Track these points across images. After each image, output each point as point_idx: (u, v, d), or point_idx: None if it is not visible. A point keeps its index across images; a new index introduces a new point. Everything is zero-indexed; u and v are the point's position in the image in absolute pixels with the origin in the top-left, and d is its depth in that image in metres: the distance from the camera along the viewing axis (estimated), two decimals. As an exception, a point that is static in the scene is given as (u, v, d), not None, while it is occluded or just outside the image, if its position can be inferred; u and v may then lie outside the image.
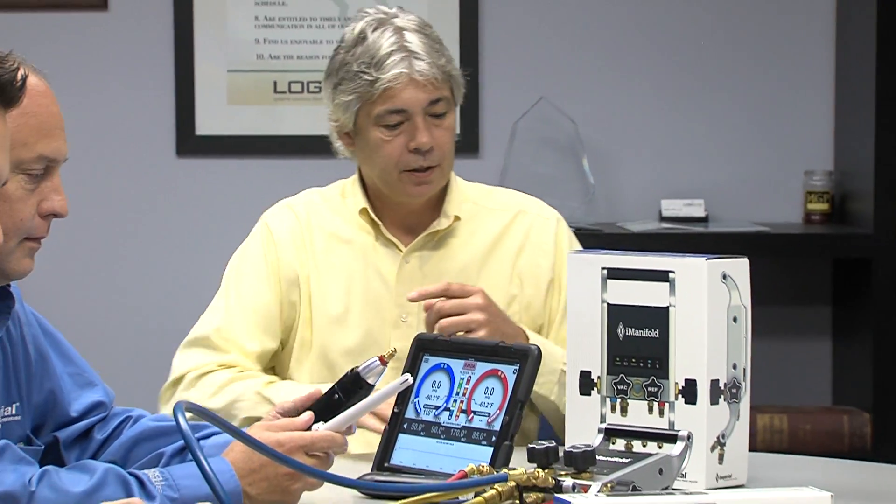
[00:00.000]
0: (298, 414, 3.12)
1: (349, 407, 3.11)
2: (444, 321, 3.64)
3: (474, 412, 3.37)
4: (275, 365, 3.92)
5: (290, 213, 3.91)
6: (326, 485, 3.10)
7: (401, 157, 3.79)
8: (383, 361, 3.12)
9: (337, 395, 3.12)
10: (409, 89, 3.77)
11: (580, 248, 3.97)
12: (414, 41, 3.79)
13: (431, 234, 3.91)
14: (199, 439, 3.00)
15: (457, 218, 3.92)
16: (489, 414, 3.36)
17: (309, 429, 3.11)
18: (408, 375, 3.32)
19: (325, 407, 3.12)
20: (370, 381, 3.13)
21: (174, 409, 2.68)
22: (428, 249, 3.91)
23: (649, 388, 3.33)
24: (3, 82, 2.53)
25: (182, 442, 3.17)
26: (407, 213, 3.92)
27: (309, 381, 3.79)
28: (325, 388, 3.17)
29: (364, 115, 3.80)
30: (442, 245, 3.91)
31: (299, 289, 3.86)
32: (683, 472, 3.26)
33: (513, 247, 3.95)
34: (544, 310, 3.91)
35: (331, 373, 3.78)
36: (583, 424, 3.39)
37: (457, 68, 3.88)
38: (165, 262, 5.76)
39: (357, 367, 3.15)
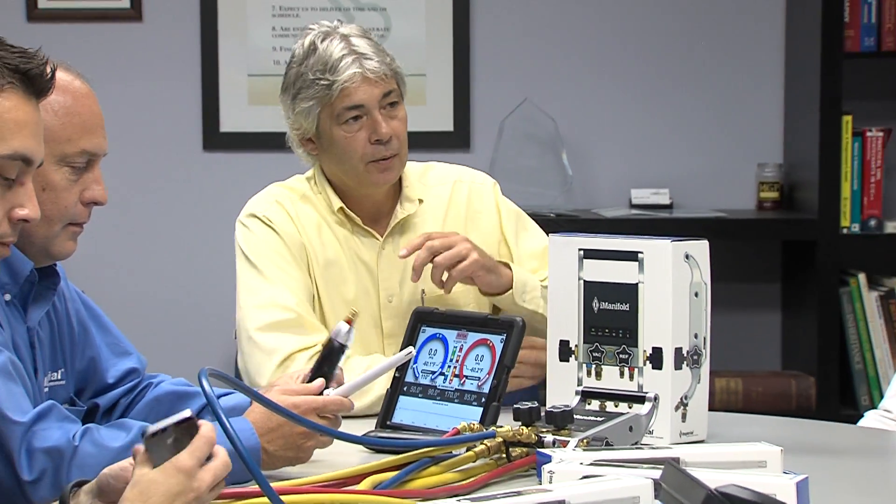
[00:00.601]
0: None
1: (329, 370, 3.14)
2: (438, 257, 3.65)
3: (466, 376, 3.38)
4: None
5: (280, 208, 3.87)
6: (335, 443, 3.12)
7: (364, 149, 3.77)
8: (349, 322, 3.14)
9: (322, 362, 3.14)
10: (363, 86, 3.76)
11: (516, 208, 3.99)
12: (361, 45, 3.78)
13: (400, 221, 3.90)
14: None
15: (420, 201, 3.92)
16: (479, 378, 3.36)
17: (321, 394, 3.13)
18: (411, 348, 3.34)
19: (317, 372, 3.15)
20: (341, 341, 3.14)
21: (199, 374, 2.67)
22: (397, 233, 3.90)
23: (620, 356, 3.33)
24: (33, 75, 2.54)
25: (199, 405, 3.21)
26: (372, 203, 3.90)
27: None
28: None
29: (325, 117, 3.78)
30: (407, 228, 3.90)
31: (310, 274, 3.85)
32: (651, 430, 3.26)
33: (460, 216, 3.95)
34: (499, 253, 3.92)
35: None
36: (562, 387, 3.39)
37: (399, 66, 3.86)
38: (193, 242, 5.75)
39: (330, 335, 3.17)
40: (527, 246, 3.93)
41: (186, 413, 2.37)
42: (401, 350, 3.35)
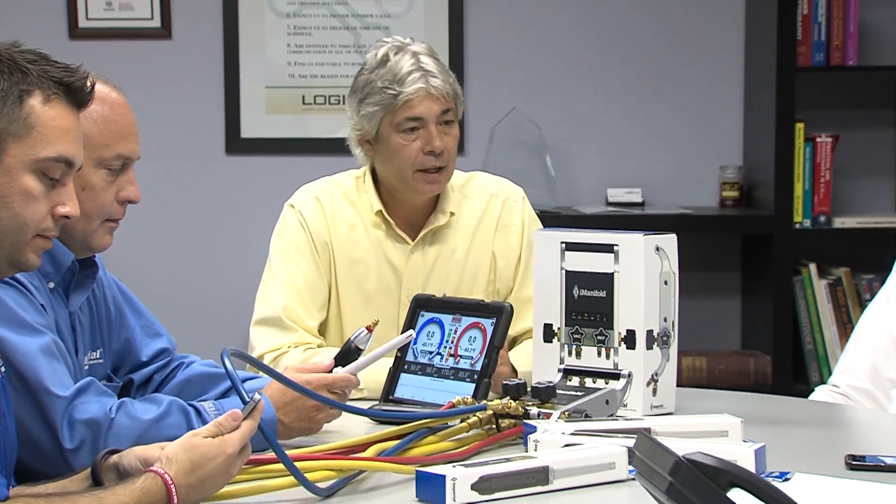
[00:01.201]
0: None
1: (343, 366, 3.15)
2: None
3: (460, 356, 3.38)
4: None
5: (317, 204, 3.84)
6: (343, 416, 3.13)
7: (416, 158, 3.73)
8: (369, 329, 3.17)
9: (339, 358, 3.16)
10: (426, 101, 3.73)
11: (539, 222, 3.94)
12: (428, 63, 3.76)
13: (434, 229, 3.86)
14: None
15: (452, 214, 3.88)
16: (472, 357, 3.36)
17: (330, 372, 3.14)
18: (411, 331, 3.36)
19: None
20: (360, 346, 3.17)
21: (221, 354, 2.68)
22: (427, 242, 3.87)
23: (598, 337, 3.33)
24: (75, 87, 2.53)
25: (223, 388, 3.21)
26: (411, 210, 3.86)
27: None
28: None
29: (387, 123, 3.74)
30: (438, 237, 3.87)
31: (331, 271, 3.84)
32: (625, 403, 3.27)
33: (490, 228, 3.90)
34: (513, 279, 3.91)
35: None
36: (546, 365, 3.39)
37: (460, 88, 3.83)
38: (217, 237, 5.75)
39: (350, 337, 3.19)
40: (525, 285, 3.89)
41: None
42: (402, 333, 3.37)
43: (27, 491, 2.47)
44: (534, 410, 3.09)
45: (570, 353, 3.38)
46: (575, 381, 3.35)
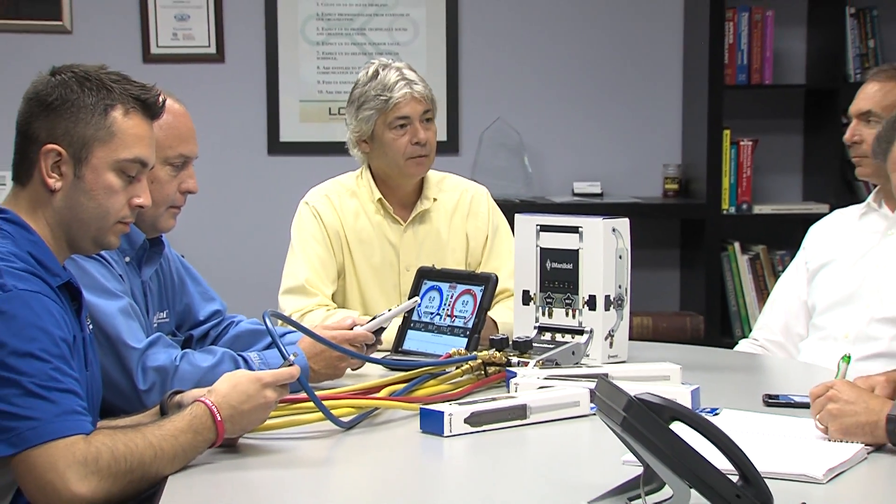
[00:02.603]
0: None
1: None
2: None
3: (456, 316, 3.38)
4: None
5: (327, 200, 3.84)
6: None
7: (406, 148, 3.75)
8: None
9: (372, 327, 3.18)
10: (411, 103, 3.75)
11: (500, 212, 3.94)
12: (410, 74, 3.79)
13: (420, 212, 3.87)
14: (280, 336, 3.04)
15: (434, 199, 3.89)
16: (465, 317, 3.37)
17: (351, 330, 3.14)
18: (416, 298, 3.38)
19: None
20: (384, 326, 3.20)
21: (263, 315, 2.70)
22: (416, 222, 3.87)
23: (566, 301, 3.33)
24: (150, 103, 2.54)
25: (266, 342, 3.22)
26: (403, 195, 3.86)
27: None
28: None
29: (380, 123, 3.76)
30: (425, 219, 3.86)
31: (343, 251, 3.84)
32: (587, 353, 3.26)
33: (462, 215, 3.90)
34: (481, 255, 3.90)
35: (364, 308, 3.81)
36: (524, 324, 3.39)
37: (434, 96, 3.85)
38: (259, 221, 5.74)
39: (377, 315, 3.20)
40: (496, 253, 3.89)
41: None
42: (409, 299, 3.38)
43: (108, 424, 2.48)
44: (514, 360, 3.09)
45: (543, 314, 3.37)
46: (547, 336, 3.34)
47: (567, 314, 3.33)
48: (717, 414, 2.76)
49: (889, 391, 2.62)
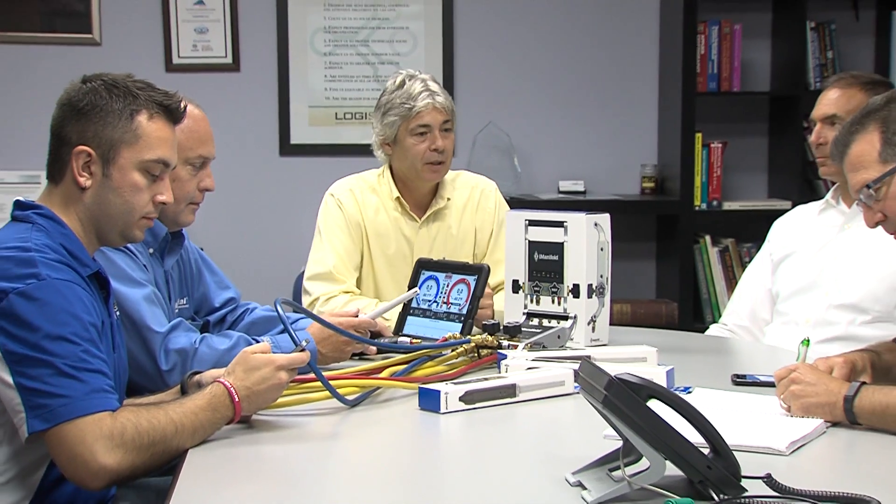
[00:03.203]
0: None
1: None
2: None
3: (451, 303, 3.37)
4: None
5: (351, 194, 3.83)
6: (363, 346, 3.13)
7: (425, 154, 3.74)
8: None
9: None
10: (432, 112, 3.74)
11: (506, 206, 3.92)
12: (434, 87, 3.78)
13: (435, 211, 3.86)
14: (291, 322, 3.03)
15: (448, 199, 3.88)
16: (460, 304, 3.36)
17: (356, 317, 3.14)
18: (416, 289, 3.39)
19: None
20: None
21: (274, 302, 2.69)
22: (431, 220, 3.86)
23: (552, 289, 3.32)
24: (172, 108, 2.54)
25: (279, 328, 3.21)
26: (420, 196, 3.85)
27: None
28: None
29: (403, 128, 3.75)
30: (439, 216, 3.85)
31: (362, 241, 3.83)
32: (572, 337, 3.26)
33: (472, 211, 3.89)
34: (487, 247, 3.89)
35: (377, 294, 3.81)
36: (514, 310, 3.38)
37: (454, 106, 3.85)
38: (272, 217, 5.73)
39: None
40: (500, 246, 3.87)
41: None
42: (408, 290, 3.40)
43: (133, 402, 2.49)
44: (505, 343, 3.09)
45: (531, 301, 3.37)
46: (535, 321, 3.34)
47: (553, 301, 3.32)
48: (689, 392, 2.76)
49: (846, 372, 2.63)
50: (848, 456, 2.37)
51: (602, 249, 3.28)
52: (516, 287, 3.39)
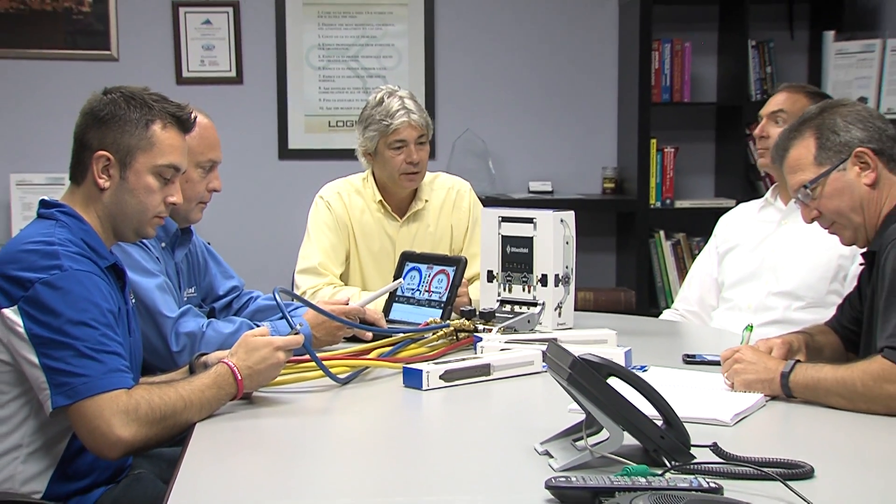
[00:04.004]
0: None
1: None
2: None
3: (432, 291, 3.36)
4: None
5: (338, 196, 3.81)
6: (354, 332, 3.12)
7: (401, 165, 3.71)
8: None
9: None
10: (408, 129, 3.71)
11: (480, 205, 3.90)
12: (410, 104, 3.74)
13: (414, 212, 3.84)
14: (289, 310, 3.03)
15: (426, 200, 3.86)
16: (440, 292, 3.35)
17: (347, 304, 3.13)
18: (401, 280, 3.38)
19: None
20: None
21: (273, 291, 2.69)
22: (411, 220, 3.84)
23: (523, 279, 3.32)
24: (183, 119, 2.54)
25: (279, 315, 3.19)
26: (399, 199, 3.83)
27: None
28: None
29: (382, 142, 3.72)
30: (418, 217, 3.84)
31: (349, 239, 3.82)
32: (540, 322, 3.26)
33: (448, 210, 3.87)
34: (462, 242, 3.87)
35: (364, 285, 3.79)
36: (489, 297, 3.38)
37: (431, 121, 3.81)
38: (271, 216, 5.72)
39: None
40: (475, 241, 3.86)
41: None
42: (394, 279, 3.39)
43: (147, 381, 2.49)
44: (481, 327, 3.09)
45: (504, 289, 3.36)
46: (508, 307, 3.34)
47: (524, 290, 3.32)
48: (645, 370, 2.76)
49: (783, 352, 2.65)
50: (784, 427, 2.37)
51: (567, 243, 3.28)
52: (490, 277, 3.38)
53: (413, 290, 3.39)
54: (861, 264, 2.81)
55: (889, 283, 2.49)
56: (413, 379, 2.61)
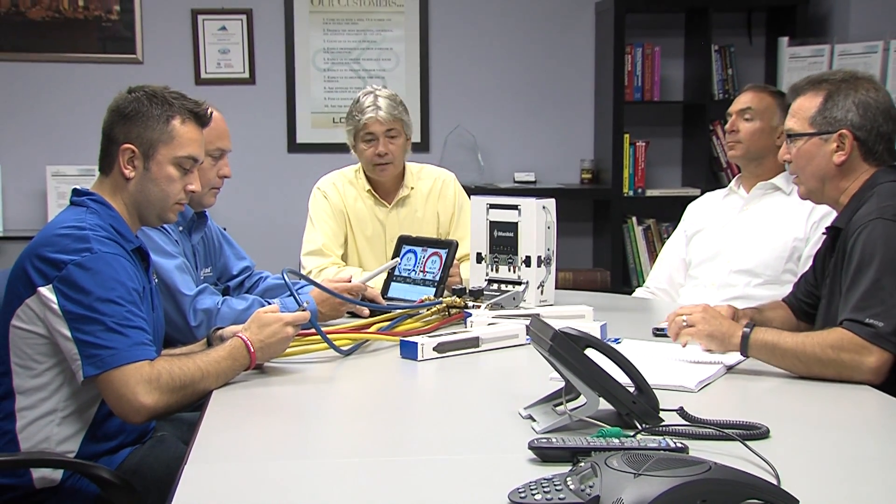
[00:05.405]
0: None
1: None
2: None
3: (427, 271, 3.36)
4: None
5: (334, 187, 3.81)
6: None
7: (372, 157, 3.70)
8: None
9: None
10: (375, 123, 3.68)
11: (465, 193, 3.88)
12: (382, 102, 3.70)
13: (401, 198, 3.83)
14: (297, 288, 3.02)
15: (412, 188, 3.86)
16: (434, 272, 3.34)
17: (349, 282, 3.12)
18: (396, 259, 3.36)
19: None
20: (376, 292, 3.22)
21: (282, 272, 2.68)
22: (398, 206, 3.83)
23: (509, 260, 3.31)
24: (201, 115, 2.53)
25: (287, 293, 3.19)
26: (385, 187, 3.82)
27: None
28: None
29: (356, 136, 3.73)
30: (405, 203, 3.83)
31: (345, 225, 3.81)
32: (524, 299, 3.25)
33: (435, 198, 3.86)
34: (449, 228, 3.86)
35: (360, 266, 3.77)
36: (477, 277, 3.37)
37: (405, 115, 3.76)
38: (280, 204, 5.70)
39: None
40: (461, 226, 3.85)
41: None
42: (391, 259, 3.37)
43: (168, 353, 2.48)
44: (470, 303, 3.08)
45: (492, 270, 3.35)
46: (495, 286, 3.33)
47: (509, 270, 3.31)
48: (619, 342, 2.76)
49: (730, 314, 2.70)
50: (744, 393, 2.37)
51: (549, 228, 3.28)
52: (479, 258, 3.38)
53: (409, 270, 3.39)
54: (824, 233, 2.79)
55: (856, 263, 2.47)
56: (409, 350, 2.61)
